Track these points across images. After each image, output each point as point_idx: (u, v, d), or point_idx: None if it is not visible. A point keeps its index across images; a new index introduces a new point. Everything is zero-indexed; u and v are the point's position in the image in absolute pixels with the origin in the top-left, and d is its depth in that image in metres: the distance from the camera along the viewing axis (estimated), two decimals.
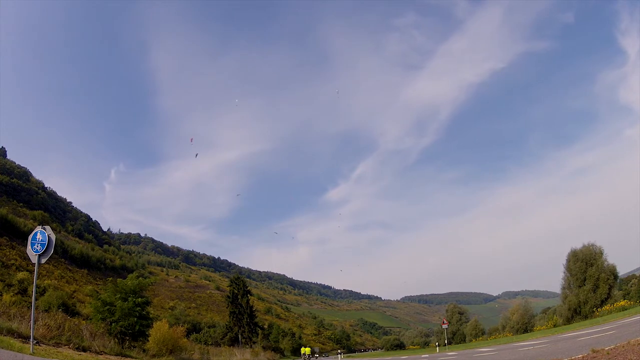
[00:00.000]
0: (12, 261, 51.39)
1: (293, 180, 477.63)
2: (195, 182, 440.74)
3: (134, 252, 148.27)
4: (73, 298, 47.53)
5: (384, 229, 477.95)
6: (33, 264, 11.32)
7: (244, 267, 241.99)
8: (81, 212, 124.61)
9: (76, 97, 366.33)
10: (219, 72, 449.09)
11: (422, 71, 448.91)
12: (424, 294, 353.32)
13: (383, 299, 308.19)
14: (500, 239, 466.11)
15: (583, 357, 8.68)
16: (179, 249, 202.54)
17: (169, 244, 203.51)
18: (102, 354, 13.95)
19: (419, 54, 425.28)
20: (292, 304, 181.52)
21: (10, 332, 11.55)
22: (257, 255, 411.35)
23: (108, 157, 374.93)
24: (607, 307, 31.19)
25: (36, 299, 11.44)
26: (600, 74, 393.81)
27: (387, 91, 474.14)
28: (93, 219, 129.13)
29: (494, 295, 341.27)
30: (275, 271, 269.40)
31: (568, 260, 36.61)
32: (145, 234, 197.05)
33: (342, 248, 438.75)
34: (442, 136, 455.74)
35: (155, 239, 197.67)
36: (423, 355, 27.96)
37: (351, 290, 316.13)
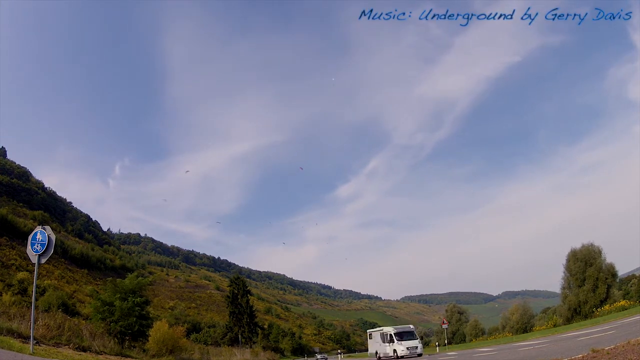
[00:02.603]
0: (12, 261, 51.45)
1: (303, 175, 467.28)
2: (204, 177, 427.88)
3: (134, 252, 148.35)
4: (73, 298, 47.60)
5: (390, 227, 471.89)
6: (33, 264, 11.32)
7: (244, 267, 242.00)
8: (81, 212, 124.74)
9: (79, 86, 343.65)
10: (232, 59, 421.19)
11: (437, 64, 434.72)
12: (424, 294, 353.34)
13: (383, 299, 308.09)
14: (502, 239, 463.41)
15: (583, 357, 8.68)
16: (178, 249, 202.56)
17: (174, 242, 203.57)
18: (102, 354, 13.94)
19: (434, 46, 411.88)
20: (292, 304, 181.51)
21: (10, 332, 11.55)
22: (262, 254, 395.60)
23: (113, 150, 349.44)
24: (606, 307, 31.24)
25: (36, 299, 11.45)
26: (611, 69, 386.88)
27: (402, 84, 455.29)
28: (93, 219, 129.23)
29: (494, 295, 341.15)
30: (275, 271, 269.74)
31: (568, 260, 36.70)
32: (145, 234, 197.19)
33: (348, 246, 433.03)
34: (455, 131, 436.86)
35: (156, 238, 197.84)
36: (423, 355, 27.95)
37: (351, 290, 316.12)
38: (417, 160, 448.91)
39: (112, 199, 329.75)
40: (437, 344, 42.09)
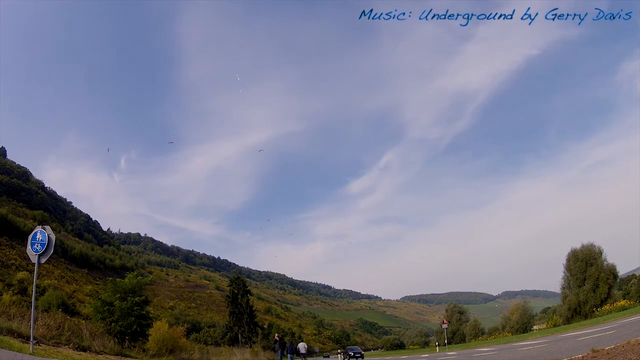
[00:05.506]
0: (12, 261, 51.44)
1: (316, 168, 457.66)
2: (213, 171, 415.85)
3: (133, 252, 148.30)
4: (73, 298, 47.60)
5: (400, 224, 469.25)
6: (33, 264, 11.31)
7: (244, 267, 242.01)
8: (81, 212, 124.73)
9: (84, 77, 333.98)
10: (248, 44, 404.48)
11: (457, 56, 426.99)
12: (424, 293, 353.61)
13: (383, 298, 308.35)
14: (502, 239, 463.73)
15: (583, 357, 8.68)
16: (178, 249, 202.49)
17: (177, 240, 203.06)
18: (102, 354, 13.93)
19: (454, 39, 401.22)
20: (292, 304, 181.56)
21: (10, 332, 11.54)
22: (269, 252, 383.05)
23: (119, 143, 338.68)
24: (607, 307, 31.22)
25: (36, 299, 11.44)
26: (622, 63, 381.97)
27: (421, 76, 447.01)
28: (93, 219, 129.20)
29: (494, 295, 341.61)
30: (275, 271, 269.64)
31: (568, 260, 36.66)
32: (145, 234, 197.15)
33: (357, 244, 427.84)
34: (468, 127, 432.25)
35: (156, 238, 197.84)
36: (423, 355, 27.99)
37: (351, 290, 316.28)
38: (431, 155, 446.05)
39: (116, 195, 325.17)
40: (437, 343, 42.13)
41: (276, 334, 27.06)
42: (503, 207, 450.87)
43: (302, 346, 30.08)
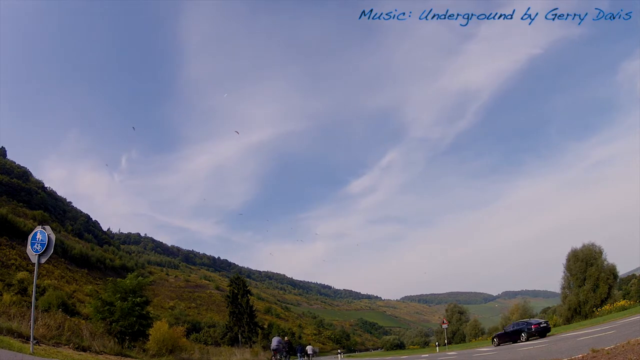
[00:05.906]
0: (12, 261, 51.42)
1: (317, 168, 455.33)
2: (214, 170, 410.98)
3: (133, 252, 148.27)
4: (73, 298, 47.58)
5: (400, 224, 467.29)
6: (33, 264, 11.31)
7: (244, 267, 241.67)
8: (81, 212, 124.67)
9: (82, 73, 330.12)
10: (251, 39, 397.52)
11: (459, 56, 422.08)
12: (424, 293, 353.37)
13: (383, 298, 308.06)
14: (502, 238, 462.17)
15: (583, 357, 8.69)
16: (178, 249, 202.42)
17: (178, 240, 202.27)
18: (102, 354, 13.94)
19: (456, 38, 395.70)
20: (291, 304, 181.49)
21: (10, 332, 11.56)
22: (269, 252, 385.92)
23: (119, 142, 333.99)
24: (607, 307, 31.22)
25: (36, 299, 11.44)
26: (622, 63, 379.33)
27: (423, 75, 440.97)
28: (93, 219, 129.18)
29: (494, 295, 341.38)
30: (275, 271, 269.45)
31: (568, 260, 36.65)
32: (145, 234, 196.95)
33: (358, 244, 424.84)
34: (470, 126, 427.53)
35: (156, 238, 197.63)
36: (423, 355, 28.01)
37: (351, 290, 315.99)
38: (432, 155, 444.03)
39: (116, 195, 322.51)
40: (437, 343, 42.12)
41: (285, 337, 28.11)
42: (503, 207, 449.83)
43: (309, 348, 33.86)
